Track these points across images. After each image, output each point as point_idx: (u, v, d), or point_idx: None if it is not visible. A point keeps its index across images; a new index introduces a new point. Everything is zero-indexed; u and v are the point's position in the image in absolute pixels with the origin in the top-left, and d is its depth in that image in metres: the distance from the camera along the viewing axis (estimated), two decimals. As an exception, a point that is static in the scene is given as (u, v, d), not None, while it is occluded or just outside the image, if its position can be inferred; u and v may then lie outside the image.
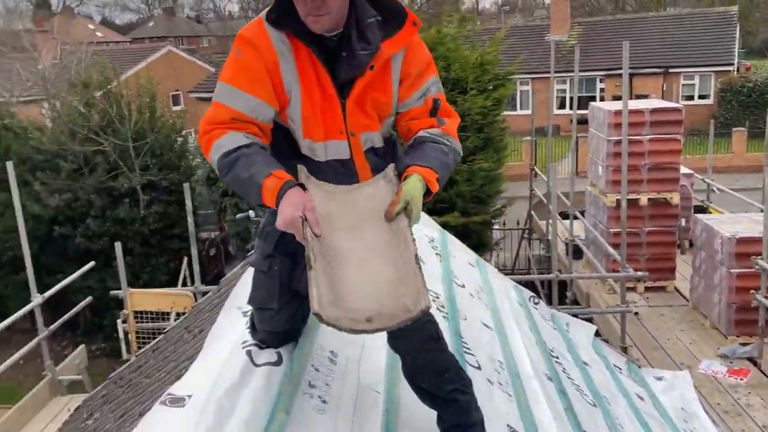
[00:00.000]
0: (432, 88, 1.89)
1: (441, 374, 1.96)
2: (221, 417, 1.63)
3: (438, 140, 1.84)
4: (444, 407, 2.01)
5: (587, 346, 4.51)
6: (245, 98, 1.73)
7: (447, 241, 4.50)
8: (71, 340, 10.93)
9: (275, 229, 1.87)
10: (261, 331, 2.05)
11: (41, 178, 10.29)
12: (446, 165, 1.82)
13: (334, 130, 1.81)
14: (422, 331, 1.91)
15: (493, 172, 9.65)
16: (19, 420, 5.96)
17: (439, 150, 1.82)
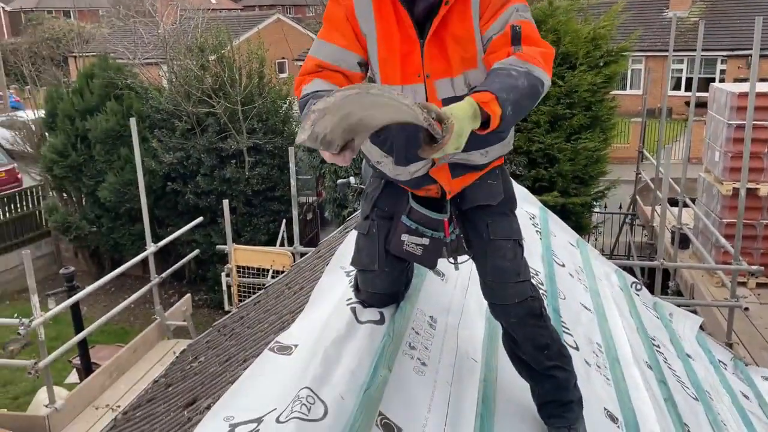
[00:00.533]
0: (513, 15, 1.69)
1: (541, 349, 1.95)
2: (329, 366, 1.70)
3: (507, 67, 1.61)
4: (541, 382, 2.01)
5: (691, 338, 4.31)
6: (326, 47, 1.77)
7: (548, 219, 4.40)
8: (177, 290, 11.68)
9: (373, 190, 1.99)
10: (364, 291, 2.11)
11: (158, 136, 10.93)
12: (512, 87, 1.55)
13: (412, 73, 1.75)
14: (524, 306, 1.90)
15: (598, 153, 9.26)
16: (129, 358, 6.47)
17: (504, 74, 1.58)
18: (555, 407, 2.00)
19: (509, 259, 1.89)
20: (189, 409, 2.82)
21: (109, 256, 12.26)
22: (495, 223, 1.91)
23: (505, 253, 1.89)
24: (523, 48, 1.66)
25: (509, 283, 1.87)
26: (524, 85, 1.57)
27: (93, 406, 5.52)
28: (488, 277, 1.91)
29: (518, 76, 1.58)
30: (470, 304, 2.60)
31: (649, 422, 2.59)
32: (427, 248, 1.88)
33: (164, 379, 4.35)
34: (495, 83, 1.56)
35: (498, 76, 1.59)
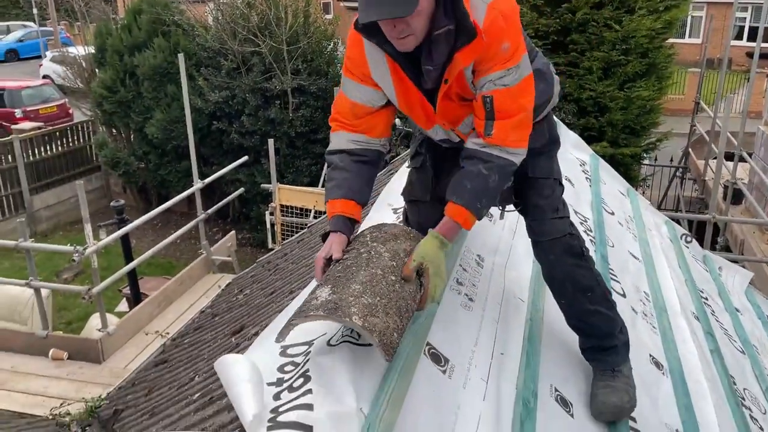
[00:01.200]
0: (490, 84, 1.67)
1: (583, 291, 1.94)
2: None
3: (480, 155, 1.70)
4: (584, 326, 2.00)
5: (740, 292, 4.21)
6: (358, 89, 1.81)
7: (599, 166, 4.30)
8: (221, 227, 11.93)
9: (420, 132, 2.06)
10: (413, 222, 2.12)
11: (204, 74, 10.97)
12: (484, 190, 1.68)
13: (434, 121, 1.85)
14: (562, 242, 1.91)
15: (651, 102, 8.93)
16: (176, 290, 6.70)
17: (477, 175, 1.68)
18: (598, 351, 2.00)
19: (546, 196, 1.93)
20: (236, 336, 2.91)
21: (155, 192, 12.55)
22: (536, 162, 1.92)
23: (542, 191, 1.93)
24: (494, 125, 1.68)
25: (547, 219, 1.92)
26: (496, 182, 1.70)
27: (143, 332, 5.77)
28: (528, 213, 1.97)
29: (489, 173, 1.68)
30: (518, 246, 2.57)
31: (694, 372, 2.57)
32: None
33: (210, 310, 4.50)
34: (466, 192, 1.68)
35: (467, 178, 1.69)
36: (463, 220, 1.67)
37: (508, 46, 1.64)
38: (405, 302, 1.47)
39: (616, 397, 1.88)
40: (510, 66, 1.66)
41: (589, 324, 1.97)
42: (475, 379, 1.66)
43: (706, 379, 2.56)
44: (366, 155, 1.82)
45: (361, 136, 1.83)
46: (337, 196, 1.76)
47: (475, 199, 1.68)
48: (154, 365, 3.83)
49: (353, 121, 1.83)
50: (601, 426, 1.89)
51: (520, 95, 1.70)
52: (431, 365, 1.60)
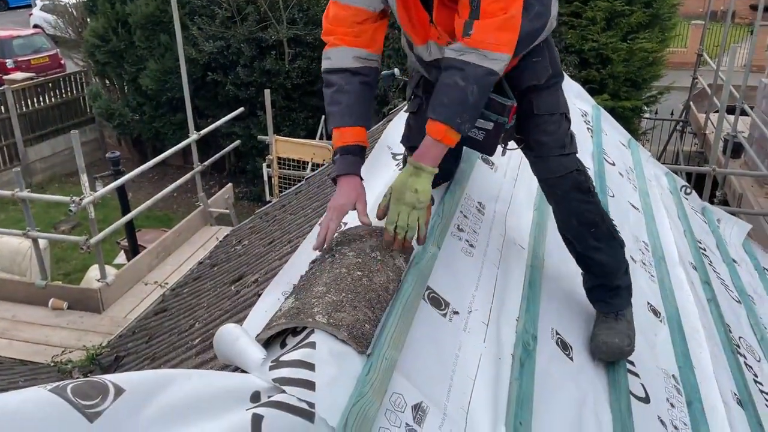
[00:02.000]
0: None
1: (588, 226, 1.92)
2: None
3: (455, 64, 1.57)
4: (589, 263, 1.98)
5: (737, 244, 4.23)
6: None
7: (600, 117, 4.25)
8: (218, 181, 11.88)
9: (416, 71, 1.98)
10: None
11: (198, 23, 10.73)
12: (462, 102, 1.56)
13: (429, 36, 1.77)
14: (569, 178, 1.87)
15: (654, 54, 8.82)
16: (175, 241, 6.70)
17: (452, 85, 1.56)
18: (603, 291, 2.00)
19: (552, 132, 1.86)
20: (236, 284, 2.92)
21: (150, 145, 12.44)
22: (540, 98, 1.86)
23: (547, 127, 1.86)
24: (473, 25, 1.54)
25: (553, 156, 1.86)
26: (474, 93, 1.56)
27: (142, 282, 5.79)
28: (533, 151, 1.90)
29: (466, 84, 1.55)
30: (519, 194, 2.56)
31: (691, 319, 2.59)
32: (490, 133, 1.83)
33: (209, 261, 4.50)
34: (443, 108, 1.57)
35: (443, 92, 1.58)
36: (443, 136, 1.59)
37: None
38: (376, 293, 1.42)
39: (618, 338, 1.90)
40: None
41: (593, 261, 1.96)
42: (476, 323, 1.67)
43: (702, 327, 2.58)
44: (369, 75, 1.76)
45: (362, 51, 1.74)
46: (347, 123, 1.70)
47: (455, 114, 1.57)
48: (154, 314, 3.85)
49: (354, 29, 1.73)
50: (600, 368, 1.91)
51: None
52: (431, 309, 1.60)
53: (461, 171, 2.31)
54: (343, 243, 1.61)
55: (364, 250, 1.57)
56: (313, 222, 2.66)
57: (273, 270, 2.47)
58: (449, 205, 2.07)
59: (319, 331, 1.24)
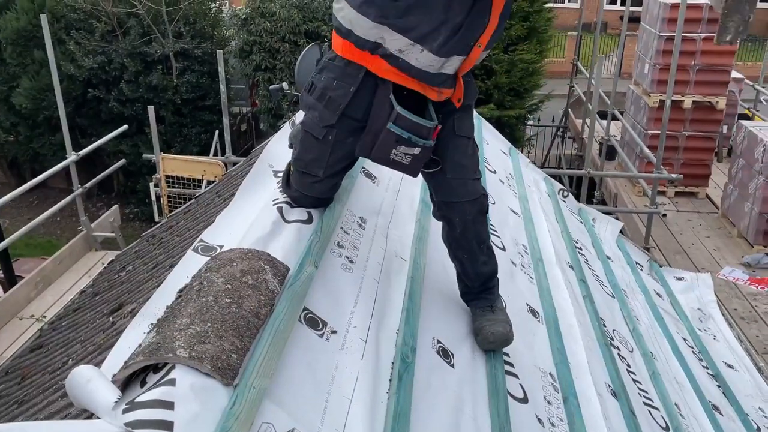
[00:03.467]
0: None
1: (479, 244, 2.02)
2: (253, 263, 1.67)
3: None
4: (474, 273, 2.08)
5: (611, 241, 4.52)
6: None
7: (482, 127, 4.41)
8: (105, 203, 11.29)
9: (341, 96, 1.79)
10: (296, 190, 2.07)
11: (75, 38, 10.17)
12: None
13: None
14: (479, 203, 1.94)
15: (533, 65, 9.30)
16: (55, 270, 6.27)
17: None
18: (479, 292, 2.11)
19: (469, 156, 1.91)
20: (114, 314, 2.77)
21: (29, 167, 11.63)
22: (461, 119, 1.89)
23: (466, 150, 1.90)
24: None
25: (468, 180, 1.91)
26: None
27: (18, 317, 5.38)
28: (450, 173, 1.89)
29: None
30: (401, 206, 2.60)
31: (567, 316, 2.73)
32: (416, 157, 1.80)
33: (91, 289, 4.25)
34: None
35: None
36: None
37: None
38: (245, 320, 1.39)
39: (500, 327, 2.01)
40: None
41: (480, 272, 2.07)
42: (354, 340, 1.68)
43: (578, 323, 2.73)
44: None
45: None
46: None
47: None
48: (29, 351, 3.58)
49: None
50: (480, 372, 1.97)
51: None
52: (307, 330, 1.59)
53: (342, 187, 2.32)
54: (213, 269, 1.57)
55: (234, 275, 1.54)
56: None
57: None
58: (327, 222, 2.07)
59: (181, 366, 1.19)
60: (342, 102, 1.79)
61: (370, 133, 1.79)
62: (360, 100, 1.79)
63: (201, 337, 1.27)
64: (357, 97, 1.78)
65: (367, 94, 1.78)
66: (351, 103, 1.78)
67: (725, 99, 7.86)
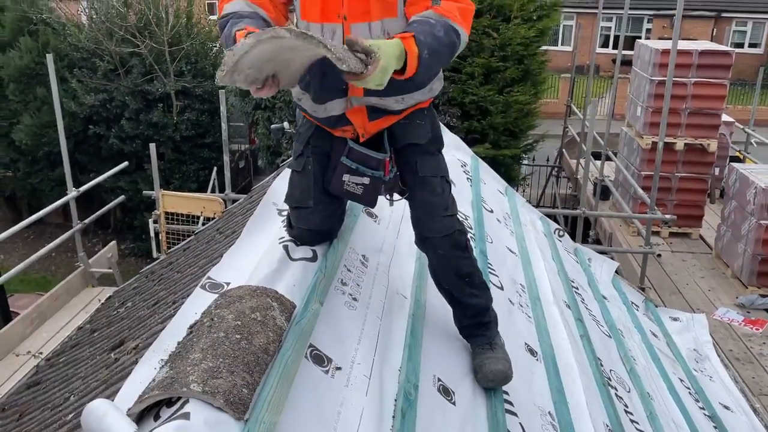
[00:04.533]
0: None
1: (463, 278, 2.07)
2: (260, 300, 1.71)
3: (425, 18, 1.65)
4: (463, 307, 2.13)
5: (607, 281, 4.56)
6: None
7: (479, 167, 4.50)
8: (102, 239, 11.30)
9: (306, 128, 2.00)
10: (297, 228, 2.13)
11: (78, 76, 10.34)
12: (430, 33, 1.60)
13: (331, 12, 1.72)
14: (451, 238, 2.00)
15: (528, 106, 9.48)
16: (52, 306, 6.25)
17: (423, 22, 1.63)
18: (475, 327, 2.15)
19: (437, 194, 1.97)
20: (116, 351, 2.78)
21: (26, 203, 11.68)
22: (423, 161, 1.98)
23: (433, 189, 1.97)
24: (441, 3, 1.68)
25: (437, 217, 1.96)
26: (441, 34, 1.62)
27: (13, 353, 5.35)
28: (418, 210, 2.00)
29: (435, 24, 1.63)
30: (402, 245, 2.65)
31: (565, 355, 2.76)
32: (368, 187, 1.93)
33: (89, 326, 4.25)
34: (414, 28, 1.62)
35: (417, 24, 1.64)
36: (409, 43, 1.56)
37: None
38: (255, 356, 1.43)
39: (500, 365, 2.05)
40: None
41: (469, 304, 2.11)
42: (358, 377, 1.71)
43: (576, 362, 2.76)
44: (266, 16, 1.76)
45: (253, 5, 1.76)
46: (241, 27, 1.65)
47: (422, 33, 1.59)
48: (26, 387, 3.56)
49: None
50: (481, 411, 1.99)
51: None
52: (313, 367, 1.63)
53: (345, 225, 2.37)
54: (222, 306, 1.61)
55: (243, 311, 1.58)
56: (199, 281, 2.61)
57: (155, 334, 2.39)
58: (332, 260, 2.12)
59: (194, 400, 1.23)
60: (307, 134, 2.00)
61: (331, 167, 1.97)
62: (321, 133, 1.98)
63: (213, 372, 1.30)
64: (318, 130, 1.98)
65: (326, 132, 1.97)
66: (314, 134, 1.98)
67: (716, 142, 8.02)
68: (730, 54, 7.91)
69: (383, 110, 1.88)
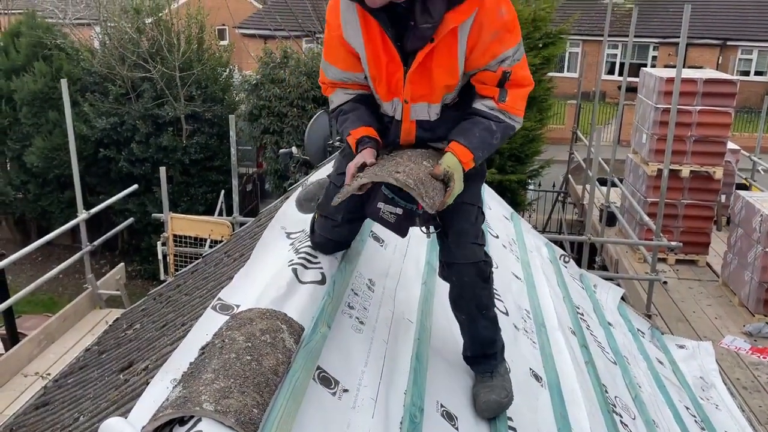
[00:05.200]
0: (507, 60, 1.83)
1: (480, 310, 2.10)
2: (270, 323, 1.75)
3: (490, 116, 1.87)
4: (475, 338, 2.16)
5: (613, 308, 4.57)
6: (333, 70, 2.01)
7: (484, 192, 4.55)
8: (109, 260, 11.37)
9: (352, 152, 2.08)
10: (319, 235, 2.24)
11: (90, 100, 10.51)
12: (488, 144, 1.87)
13: (396, 92, 1.93)
14: (478, 267, 2.04)
15: (534, 132, 9.56)
16: (59, 327, 6.29)
17: (486, 128, 1.86)
18: (482, 357, 2.18)
19: (471, 223, 2.05)
20: (125, 372, 2.81)
21: (35, 224, 11.79)
22: (469, 188, 2.00)
23: (468, 216, 2.04)
24: (508, 93, 1.87)
25: (468, 244, 2.03)
26: (498, 140, 1.90)
27: (21, 374, 5.37)
28: (451, 237, 2.03)
29: (496, 130, 1.87)
30: (408, 269, 2.69)
31: (569, 382, 2.77)
32: (400, 218, 1.96)
33: (97, 347, 4.27)
34: (474, 139, 1.85)
35: (479, 128, 1.86)
36: (466, 161, 1.84)
37: (505, 11, 1.78)
38: (265, 377, 1.47)
39: (495, 395, 2.08)
40: (519, 40, 1.85)
41: (480, 336, 2.15)
42: (365, 399, 1.73)
43: (580, 389, 2.77)
44: (361, 95, 2.02)
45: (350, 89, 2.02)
46: (357, 126, 1.95)
47: (479, 148, 1.86)
48: (34, 408, 3.59)
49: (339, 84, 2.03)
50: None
51: (525, 67, 1.89)
52: (321, 389, 1.66)
53: (353, 249, 2.42)
54: (233, 327, 1.65)
55: (254, 333, 1.62)
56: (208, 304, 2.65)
57: (164, 356, 2.43)
58: (340, 284, 2.15)
59: (207, 419, 1.26)
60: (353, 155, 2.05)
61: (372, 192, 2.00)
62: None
63: (225, 392, 1.34)
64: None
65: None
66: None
67: (722, 169, 8.05)
68: (734, 83, 7.98)
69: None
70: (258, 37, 18.39)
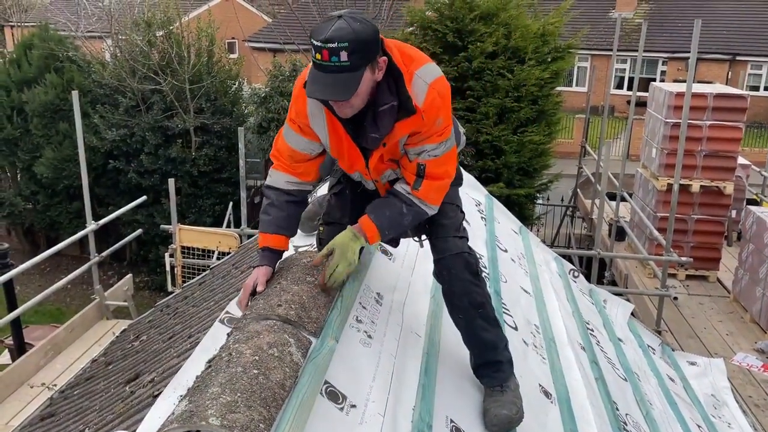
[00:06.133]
0: (425, 154, 2.01)
1: (476, 308, 2.12)
2: (277, 336, 1.73)
3: (405, 199, 2.06)
4: (475, 343, 2.16)
5: (623, 323, 4.52)
6: (297, 138, 2.09)
7: (493, 206, 4.53)
8: (117, 271, 11.39)
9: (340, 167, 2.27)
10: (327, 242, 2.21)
11: (100, 112, 10.58)
12: (398, 224, 2.06)
13: (360, 169, 2.13)
14: (462, 258, 2.12)
15: (542, 146, 9.52)
16: (66, 338, 6.29)
17: (398, 211, 2.05)
18: (487, 367, 2.17)
19: (450, 218, 2.19)
20: (131, 384, 2.80)
21: (44, 235, 11.86)
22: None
23: (446, 213, 2.18)
24: (422, 183, 2.04)
25: (449, 237, 2.15)
26: (408, 221, 2.08)
27: (28, 384, 5.37)
28: (434, 234, 2.18)
29: (407, 213, 2.06)
30: (416, 283, 2.67)
31: (579, 398, 2.73)
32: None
33: (104, 358, 4.27)
34: (383, 218, 2.04)
35: (391, 209, 2.05)
36: (371, 236, 2.04)
37: (441, 120, 1.97)
38: (272, 391, 1.46)
39: (505, 410, 2.07)
40: (443, 140, 2.00)
41: (480, 339, 2.15)
42: (373, 414, 1.71)
43: (591, 405, 2.73)
44: (298, 196, 2.16)
45: (295, 179, 2.13)
46: (270, 231, 2.10)
47: (387, 227, 2.06)
48: (39, 419, 3.57)
49: (291, 164, 2.12)
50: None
51: (447, 163, 2.06)
52: (328, 403, 1.63)
53: (361, 263, 2.40)
54: (240, 341, 1.63)
55: (261, 347, 1.60)
56: (215, 316, 2.64)
57: (171, 368, 2.41)
58: (348, 297, 2.14)
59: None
60: (341, 171, 2.30)
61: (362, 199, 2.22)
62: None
63: (231, 407, 1.32)
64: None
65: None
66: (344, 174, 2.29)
67: (732, 184, 7.99)
68: (744, 98, 7.94)
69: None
70: (267, 51, 18.52)
